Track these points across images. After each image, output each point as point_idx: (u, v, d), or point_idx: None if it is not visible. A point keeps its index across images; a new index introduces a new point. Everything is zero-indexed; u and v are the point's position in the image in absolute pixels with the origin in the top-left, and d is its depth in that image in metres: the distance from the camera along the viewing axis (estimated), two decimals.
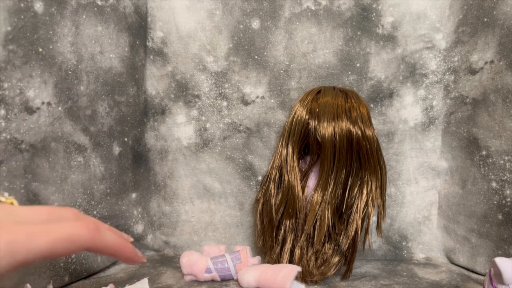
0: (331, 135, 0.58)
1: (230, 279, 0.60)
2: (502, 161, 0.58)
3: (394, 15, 0.70)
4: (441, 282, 0.59)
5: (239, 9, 0.72)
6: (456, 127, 0.68)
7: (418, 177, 0.73)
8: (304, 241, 0.60)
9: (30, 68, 0.47)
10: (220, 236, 0.75)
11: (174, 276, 0.62)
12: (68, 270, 0.55)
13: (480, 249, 0.63)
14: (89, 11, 0.58)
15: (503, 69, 0.58)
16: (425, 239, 0.73)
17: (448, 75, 0.70)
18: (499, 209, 0.59)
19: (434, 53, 0.71)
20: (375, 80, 0.72)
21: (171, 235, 0.76)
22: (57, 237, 0.27)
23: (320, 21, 0.72)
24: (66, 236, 0.28)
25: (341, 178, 0.59)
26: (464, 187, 0.66)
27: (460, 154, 0.67)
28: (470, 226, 0.65)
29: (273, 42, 0.72)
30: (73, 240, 0.28)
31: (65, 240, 0.27)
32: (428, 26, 0.70)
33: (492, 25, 0.61)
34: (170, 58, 0.74)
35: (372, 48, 0.71)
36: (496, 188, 0.59)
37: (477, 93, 0.63)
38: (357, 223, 0.59)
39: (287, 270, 0.54)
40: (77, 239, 0.28)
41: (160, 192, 0.76)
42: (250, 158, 0.74)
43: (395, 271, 0.65)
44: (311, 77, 0.72)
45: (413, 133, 0.72)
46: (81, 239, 0.29)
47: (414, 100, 0.72)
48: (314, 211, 0.59)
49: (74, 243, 0.28)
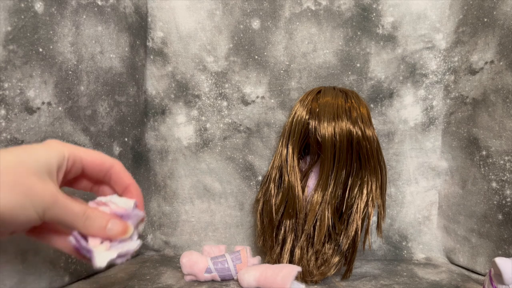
0: (331, 135, 0.58)
1: (230, 279, 0.60)
2: (502, 161, 0.58)
3: (394, 15, 0.70)
4: (441, 282, 0.59)
5: (239, 9, 0.72)
6: (456, 127, 0.68)
7: (418, 177, 0.73)
8: (304, 241, 0.60)
9: (30, 68, 0.47)
10: (220, 236, 0.75)
11: (174, 276, 0.62)
12: (68, 270, 0.55)
13: (480, 249, 0.63)
14: (89, 11, 0.58)
15: (503, 69, 0.58)
16: (425, 239, 0.73)
17: (448, 75, 0.70)
18: (499, 209, 0.59)
19: (434, 53, 0.71)
20: (375, 80, 0.72)
21: (171, 235, 0.76)
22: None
23: (320, 21, 0.72)
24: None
25: (341, 178, 0.59)
26: (464, 187, 0.66)
27: (460, 154, 0.67)
28: (470, 226, 0.65)
29: (273, 42, 0.72)
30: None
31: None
32: (428, 26, 0.70)
33: (492, 25, 0.61)
34: (170, 58, 0.74)
35: (372, 48, 0.71)
36: (496, 188, 0.59)
37: (477, 93, 0.63)
38: (357, 223, 0.59)
39: (287, 270, 0.54)
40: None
41: (160, 192, 0.76)
42: (250, 158, 0.74)
43: (395, 271, 0.65)
44: (311, 77, 0.72)
45: (413, 133, 0.72)
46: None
47: (414, 100, 0.72)
48: (314, 211, 0.59)
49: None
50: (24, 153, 0.29)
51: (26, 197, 0.27)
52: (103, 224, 0.33)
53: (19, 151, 0.29)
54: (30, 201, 0.27)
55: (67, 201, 0.30)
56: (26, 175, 0.28)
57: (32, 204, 0.27)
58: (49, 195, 0.29)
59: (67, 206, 0.30)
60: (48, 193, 0.29)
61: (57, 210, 0.29)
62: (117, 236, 0.33)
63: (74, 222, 0.31)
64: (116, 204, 0.35)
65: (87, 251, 0.32)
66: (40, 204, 0.28)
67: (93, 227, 0.32)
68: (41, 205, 0.28)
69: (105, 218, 0.33)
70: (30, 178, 0.28)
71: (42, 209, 0.28)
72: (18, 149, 0.29)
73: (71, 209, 0.30)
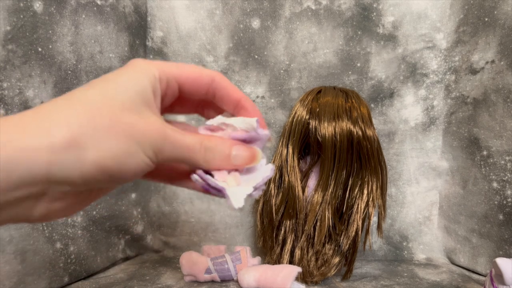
0: (332, 135, 0.58)
1: (230, 280, 0.60)
2: (503, 161, 0.58)
3: (394, 15, 0.70)
4: (442, 282, 0.59)
5: (239, 8, 0.72)
6: (457, 127, 0.68)
7: (418, 177, 0.72)
8: (305, 241, 0.59)
9: (29, 67, 0.47)
10: (220, 237, 0.74)
11: (174, 276, 0.61)
12: (67, 271, 0.55)
13: (481, 250, 0.62)
14: (89, 11, 0.58)
15: (504, 69, 0.58)
16: (425, 239, 0.73)
17: (449, 75, 0.70)
18: (500, 209, 0.58)
19: (435, 52, 0.70)
20: (375, 80, 0.71)
21: (170, 235, 0.75)
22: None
23: (320, 20, 0.71)
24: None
25: (342, 178, 0.59)
26: (465, 187, 0.66)
27: (461, 154, 0.67)
28: (471, 227, 0.64)
29: (273, 41, 0.72)
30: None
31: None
32: (429, 26, 0.70)
33: (493, 24, 0.60)
34: (170, 57, 0.74)
35: (373, 47, 0.71)
36: (497, 188, 0.59)
37: (478, 93, 0.63)
38: (358, 224, 0.59)
39: (288, 271, 0.54)
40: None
41: (160, 193, 0.76)
42: None
43: (395, 271, 0.65)
44: (312, 77, 0.72)
45: (414, 133, 0.72)
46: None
47: (414, 100, 0.71)
48: (315, 211, 0.58)
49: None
50: (109, 85, 0.23)
51: (128, 139, 0.22)
52: (226, 152, 0.26)
53: (102, 84, 0.23)
54: (136, 143, 0.22)
55: (177, 134, 0.24)
56: (120, 113, 0.22)
57: (139, 146, 0.22)
58: (155, 130, 0.23)
59: (179, 141, 0.24)
60: (154, 128, 0.23)
61: (169, 147, 0.24)
62: (245, 164, 0.27)
63: (192, 158, 0.25)
64: (233, 125, 0.28)
65: (218, 191, 0.26)
66: (148, 144, 0.22)
67: (215, 159, 0.26)
68: (149, 146, 0.22)
69: (227, 145, 0.27)
70: (128, 115, 0.22)
71: (152, 151, 0.23)
72: (99, 82, 0.23)
73: (185, 143, 0.24)
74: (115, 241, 0.67)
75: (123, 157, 0.21)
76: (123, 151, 0.21)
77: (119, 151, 0.21)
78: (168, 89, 0.26)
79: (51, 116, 0.20)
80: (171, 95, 0.27)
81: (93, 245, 0.61)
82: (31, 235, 0.49)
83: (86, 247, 0.59)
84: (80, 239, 0.58)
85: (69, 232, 0.56)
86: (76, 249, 0.57)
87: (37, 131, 0.20)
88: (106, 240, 0.64)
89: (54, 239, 0.53)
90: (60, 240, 0.54)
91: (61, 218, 0.25)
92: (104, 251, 0.64)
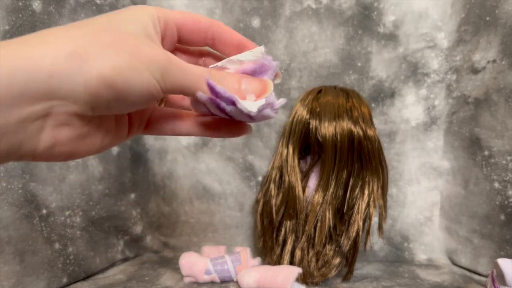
0: (332, 135, 0.57)
1: (230, 281, 0.59)
2: (505, 161, 0.58)
3: (395, 14, 0.70)
4: (443, 283, 0.59)
5: (239, 7, 0.72)
6: (458, 127, 0.67)
7: (420, 178, 0.72)
8: (305, 242, 0.59)
9: None
10: (219, 237, 0.74)
11: (174, 277, 0.61)
12: (66, 271, 0.55)
13: (482, 250, 0.62)
14: (88, 10, 0.57)
15: (505, 68, 0.57)
16: (427, 240, 0.72)
17: (450, 74, 0.70)
18: (501, 209, 0.58)
19: (436, 52, 0.70)
20: (376, 80, 0.71)
21: (170, 236, 0.75)
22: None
23: (321, 19, 0.71)
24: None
25: (342, 179, 0.58)
26: (466, 187, 0.66)
27: (462, 154, 0.67)
28: (472, 227, 0.64)
29: (273, 41, 0.72)
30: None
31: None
32: (430, 25, 0.70)
33: (494, 24, 0.60)
34: None
35: (374, 47, 0.71)
36: (499, 189, 0.58)
37: (479, 93, 0.63)
38: (359, 224, 0.58)
39: (288, 272, 0.53)
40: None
41: (159, 193, 0.75)
42: (250, 158, 0.73)
43: (396, 272, 0.64)
44: (312, 76, 0.72)
45: (415, 133, 0.71)
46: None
47: (415, 99, 0.71)
48: (315, 211, 0.58)
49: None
50: (113, 17, 0.23)
51: (135, 57, 0.21)
52: (235, 86, 0.25)
53: (106, 16, 0.23)
54: (142, 63, 0.21)
55: (183, 63, 0.24)
56: (126, 35, 0.22)
57: (145, 66, 0.21)
58: (161, 55, 0.22)
59: (186, 68, 0.24)
60: (160, 53, 0.22)
61: (176, 72, 0.23)
62: (256, 96, 0.26)
63: (200, 87, 0.24)
64: (240, 60, 0.27)
65: (227, 99, 0.24)
66: (155, 65, 0.22)
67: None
68: (156, 67, 0.22)
69: (236, 78, 0.25)
70: (132, 39, 0.22)
71: (159, 72, 0.22)
72: (103, 15, 0.23)
73: (192, 71, 0.24)
74: (114, 241, 0.66)
75: (129, 72, 0.21)
76: (129, 66, 0.21)
77: (125, 65, 0.21)
78: (167, 30, 0.26)
79: (56, 33, 0.20)
80: (169, 39, 0.27)
81: (92, 246, 0.60)
82: (30, 235, 0.49)
83: (85, 248, 0.59)
84: (79, 240, 0.58)
85: (68, 232, 0.55)
86: (75, 249, 0.56)
87: (41, 44, 0.19)
88: (105, 240, 0.64)
89: (53, 239, 0.52)
90: (59, 241, 0.54)
91: (69, 157, 0.24)
92: (103, 251, 0.63)
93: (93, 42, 0.20)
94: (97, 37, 0.20)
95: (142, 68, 0.21)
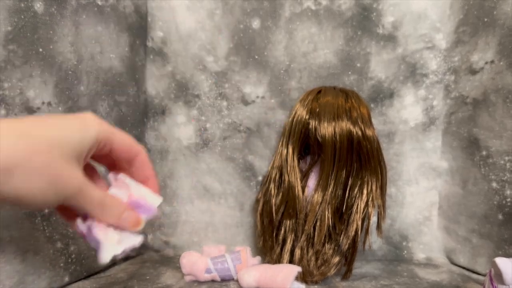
0: (332, 135, 0.58)
1: (230, 280, 0.60)
2: (503, 162, 0.58)
3: (394, 15, 0.70)
4: (442, 282, 0.59)
5: (240, 8, 0.72)
6: (456, 127, 0.68)
7: (418, 178, 0.72)
8: (305, 241, 0.59)
9: (30, 68, 0.47)
10: (220, 237, 0.75)
11: (174, 276, 0.62)
12: (68, 270, 0.55)
13: (480, 250, 0.62)
14: (89, 11, 0.58)
15: (503, 69, 0.58)
16: (425, 239, 0.73)
17: (449, 75, 0.70)
18: (499, 209, 0.58)
19: (434, 53, 0.71)
20: (375, 80, 0.72)
21: (171, 235, 0.76)
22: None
23: (320, 21, 0.71)
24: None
25: (342, 178, 0.59)
26: (464, 187, 0.66)
27: (461, 155, 0.67)
28: (470, 227, 0.64)
29: (273, 42, 0.72)
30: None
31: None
32: (429, 26, 0.70)
33: (492, 25, 0.60)
34: (170, 58, 0.74)
35: (373, 48, 0.71)
36: (497, 189, 0.59)
37: (477, 93, 0.63)
38: (358, 223, 0.59)
39: (288, 271, 0.54)
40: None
41: (161, 192, 0.76)
42: (250, 158, 0.74)
43: (395, 271, 0.65)
44: (312, 77, 0.72)
45: (414, 133, 0.72)
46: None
47: (414, 100, 0.71)
48: (314, 211, 0.58)
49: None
50: (59, 132, 0.28)
51: (51, 184, 0.26)
52: (119, 212, 0.33)
53: (54, 128, 0.28)
54: (54, 189, 0.27)
55: (89, 190, 0.30)
56: (57, 160, 0.27)
57: (55, 191, 0.27)
58: (75, 184, 0.28)
59: (88, 195, 0.30)
60: (75, 182, 0.28)
61: (78, 199, 0.29)
62: (129, 228, 0.34)
63: (92, 211, 0.31)
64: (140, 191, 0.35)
65: (96, 242, 0.32)
66: (63, 192, 0.28)
67: (108, 215, 0.32)
68: (63, 194, 0.28)
69: (122, 207, 0.33)
70: (60, 164, 0.27)
71: (63, 197, 0.28)
72: (54, 123, 0.28)
73: (91, 197, 0.30)
74: None
75: (38, 195, 0.26)
76: (42, 192, 0.26)
77: (39, 191, 0.26)
78: (102, 149, 0.32)
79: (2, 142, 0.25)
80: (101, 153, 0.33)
81: None
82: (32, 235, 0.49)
83: (87, 247, 0.59)
84: (81, 239, 0.58)
85: (69, 231, 0.56)
86: (77, 248, 0.57)
87: None
88: None
89: (54, 238, 0.53)
90: (61, 240, 0.54)
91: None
92: None
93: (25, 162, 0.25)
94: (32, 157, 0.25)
95: (52, 194, 0.27)
